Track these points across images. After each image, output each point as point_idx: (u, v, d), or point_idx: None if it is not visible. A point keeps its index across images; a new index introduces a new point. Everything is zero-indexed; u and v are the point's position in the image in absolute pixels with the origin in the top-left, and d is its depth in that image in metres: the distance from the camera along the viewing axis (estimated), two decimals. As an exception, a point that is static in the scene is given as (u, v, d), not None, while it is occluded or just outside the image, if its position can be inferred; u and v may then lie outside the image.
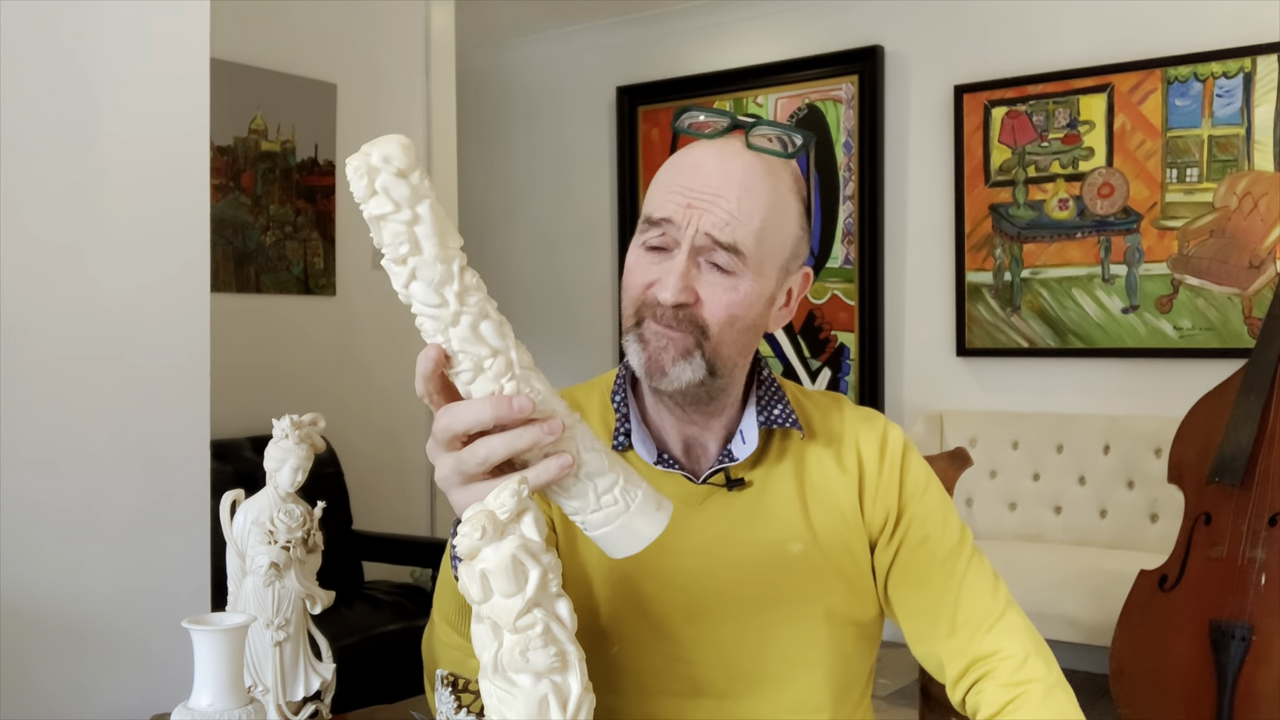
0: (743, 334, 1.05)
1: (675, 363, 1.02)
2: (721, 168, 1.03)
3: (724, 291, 1.02)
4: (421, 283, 0.76)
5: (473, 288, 0.77)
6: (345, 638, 2.88)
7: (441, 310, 0.76)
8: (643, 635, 1.08)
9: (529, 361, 0.80)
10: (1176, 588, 2.84)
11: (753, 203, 1.02)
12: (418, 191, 0.75)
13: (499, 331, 0.78)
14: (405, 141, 0.75)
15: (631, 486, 0.82)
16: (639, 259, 1.06)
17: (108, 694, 1.91)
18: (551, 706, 0.75)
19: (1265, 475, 2.74)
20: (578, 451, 0.80)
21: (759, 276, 1.04)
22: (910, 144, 4.60)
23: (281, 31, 3.78)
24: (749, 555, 1.09)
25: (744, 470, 1.11)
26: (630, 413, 1.11)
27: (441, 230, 0.76)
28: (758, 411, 1.11)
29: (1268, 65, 3.82)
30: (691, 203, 1.01)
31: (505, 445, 0.78)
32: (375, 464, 3.95)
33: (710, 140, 1.06)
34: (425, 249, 0.75)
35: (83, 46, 1.91)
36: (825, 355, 4.77)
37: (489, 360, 0.78)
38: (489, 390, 0.78)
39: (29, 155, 1.84)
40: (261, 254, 3.72)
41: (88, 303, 1.92)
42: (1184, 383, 3.80)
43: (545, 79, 5.58)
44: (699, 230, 1.01)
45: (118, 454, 1.95)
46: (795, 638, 1.09)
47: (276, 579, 1.16)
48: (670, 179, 1.05)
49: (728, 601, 1.08)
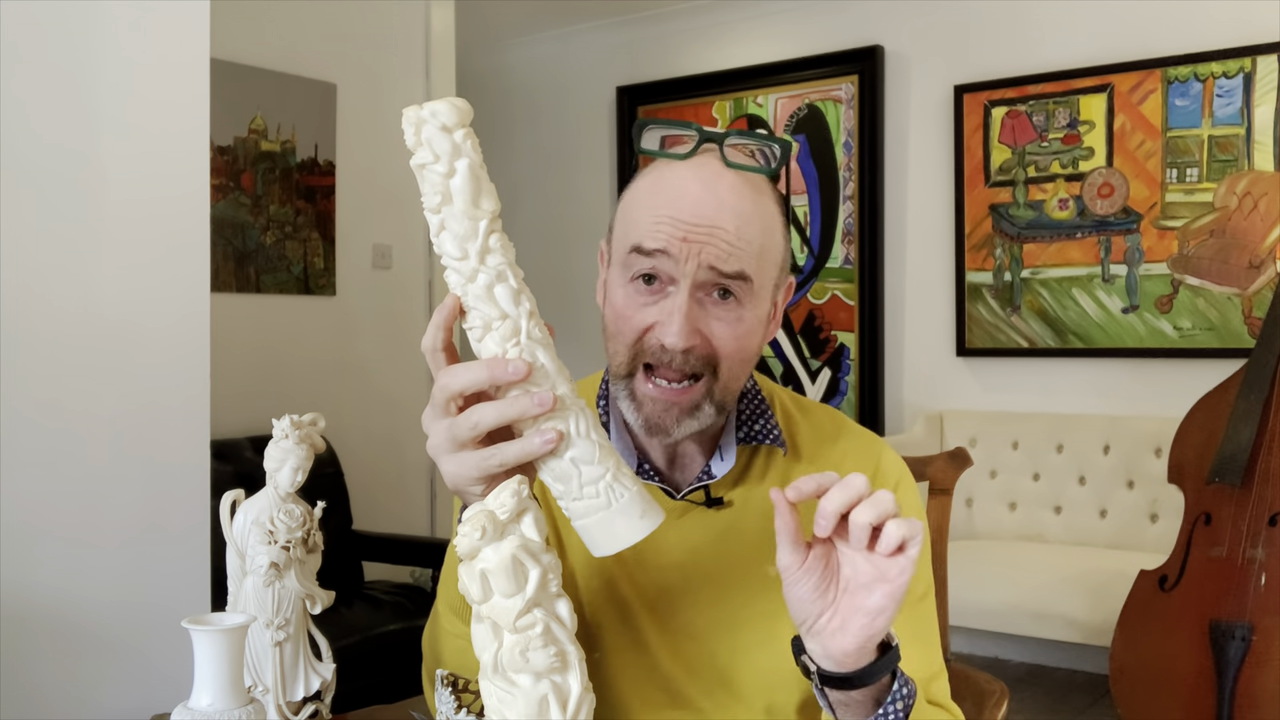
0: (747, 364, 1.02)
1: (681, 421, 0.99)
2: (710, 194, 0.97)
3: (729, 325, 0.98)
4: (449, 234, 0.80)
5: (496, 250, 0.81)
6: (345, 638, 2.88)
7: (462, 264, 0.80)
8: (621, 643, 1.06)
9: (541, 337, 0.81)
10: (1176, 588, 2.84)
11: (750, 229, 0.97)
12: (459, 149, 0.79)
13: (513, 298, 0.81)
14: (460, 103, 0.79)
15: (620, 485, 0.81)
16: (629, 297, 0.99)
17: (108, 694, 1.91)
18: (551, 706, 0.75)
19: (1265, 475, 2.74)
20: (569, 433, 0.80)
21: (758, 302, 1.00)
22: (910, 144, 4.60)
23: (281, 31, 3.78)
24: (725, 575, 1.05)
25: (724, 489, 1.07)
26: (611, 420, 1.08)
27: (475, 190, 0.80)
28: (737, 427, 1.07)
29: (1268, 65, 3.82)
30: (687, 236, 0.96)
31: (495, 412, 0.80)
32: (375, 464, 3.95)
33: (685, 161, 1.00)
34: (456, 202, 0.80)
35: (83, 46, 1.91)
36: (825, 355, 4.77)
37: (497, 322, 0.80)
38: (493, 353, 0.80)
39: (29, 155, 1.84)
40: (261, 254, 3.72)
41: (88, 303, 1.92)
42: (1184, 383, 3.80)
43: (545, 79, 5.58)
44: (700, 265, 0.95)
45: (118, 454, 1.95)
46: (771, 660, 1.03)
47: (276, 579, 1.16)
48: (654, 206, 0.99)
49: (701, 619, 1.05)
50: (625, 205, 1.04)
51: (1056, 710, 3.57)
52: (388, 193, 4.10)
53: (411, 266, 4.19)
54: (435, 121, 0.79)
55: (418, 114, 0.79)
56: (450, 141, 0.79)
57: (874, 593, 0.82)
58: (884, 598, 0.82)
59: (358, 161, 3.99)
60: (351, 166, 3.98)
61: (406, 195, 4.18)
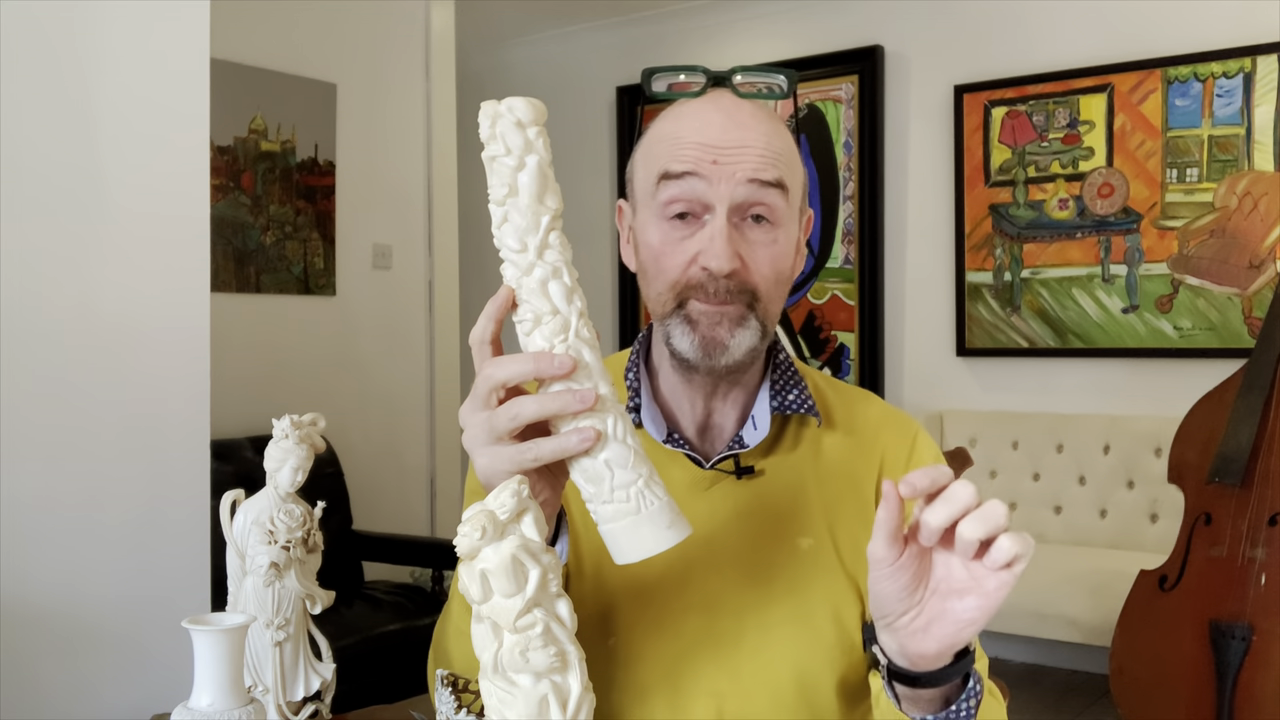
0: (784, 288, 1.02)
1: (734, 334, 0.98)
2: (731, 118, 0.98)
3: (766, 248, 0.98)
4: (510, 226, 0.82)
5: (554, 246, 0.83)
6: (345, 638, 2.88)
7: (520, 256, 0.82)
8: (639, 626, 1.02)
9: (589, 337, 0.83)
10: (1176, 588, 2.84)
11: (778, 141, 0.99)
12: (530, 145, 0.82)
13: (566, 296, 0.82)
14: (537, 103, 0.83)
15: (650, 493, 0.81)
16: (666, 234, 0.99)
17: (107, 694, 1.91)
18: (551, 706, 0.75)
19: (1265, 475, 2.74)
20: (606, 433, 0.80)
21: (790, 221, 1.01)
22: (910, 144, 4.60)
23: (281, 31, 3.78)
24: (755, 547, 1.03)
25: (755, 458, 1.05)
26: (642, 389, 1.06)
27: (541, 187, 0.82)
28: (771, 396, 1.06)
29: (1268, 65, 3.82)
30: (717, 159, 0.96)
31: (536, 405, 0.79)
32: (375, 464, 3.95)
33: (699, 98, 1.01)
34: (522, 196, 0.82)
35: (83, 47, 1.91)
36: (825, 355, 4.77)
37: (548, 317, 0.82)
38: (540, 347, 0.81)
39: (29, 155, 1.84)
40: (261, 254, 3.72)
41: (88, 303, 1.92)
42: (1184, 383, 3.80)
43: (545, 79, 5.58)
44: (738, 181, 0.96)
45: (118, 454, 1.95)
46: (803, 634, 1.01)
47: (276, 579, 1.16)
48: (678, 136, 0.99)
49: (729, 595, 1.02)
50: (645, 146, 1.04)
51: (1056, 710, 3.57)
52: (388, 193, 4.10)
53: (411, 266, 4.19)
54: (511, 116, 0.82)
55: (495, 108, 0.82)
56: (524, 137, 0.82)
57: (966, 602, 0.79)
58: (978, 611, 0.79)
59: (358, 161, 4.00)
60: (351, 166, 3.98)
61: (407, 195, 4.18)
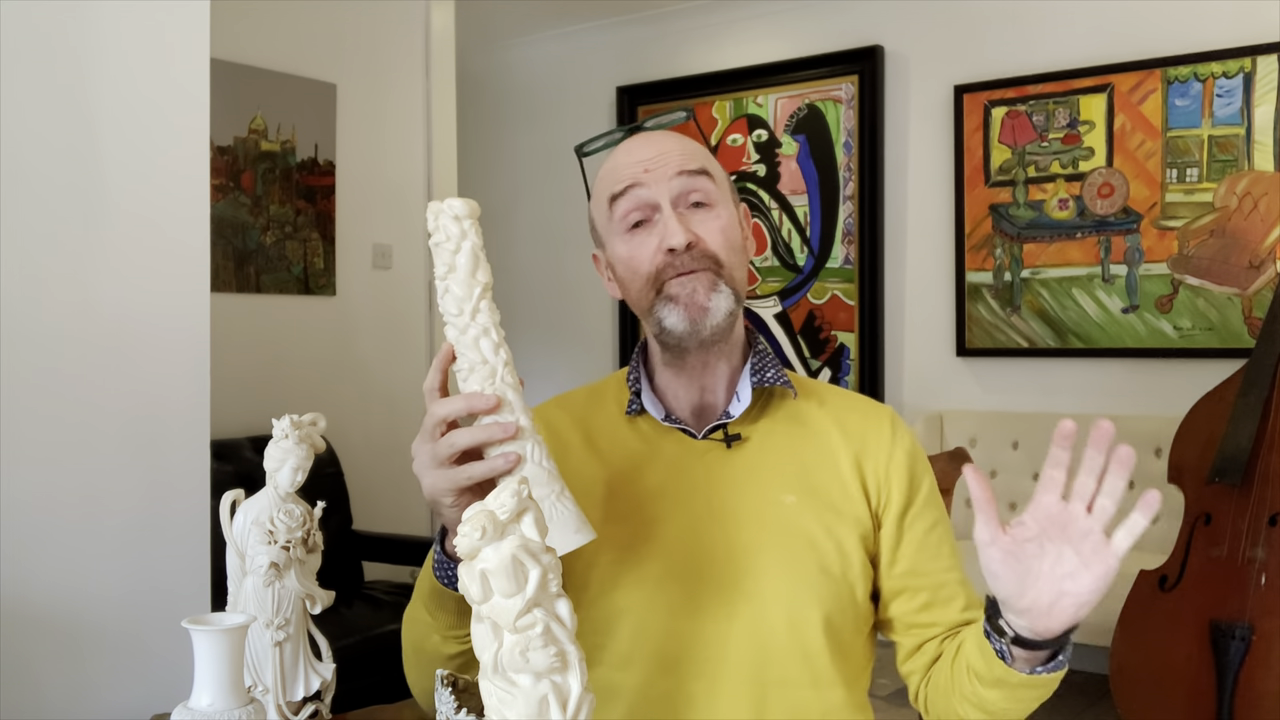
0: (740, 256, 1.21)
1: (711, 296, 1.15)
2: (650, 140, 1.21)
3: (712, 222, 1.18)
4: (451, 296, 1.01)
5: (484, 311, 1.01)
6: (345, 638, 2.88)
7: (458, 319, 1.01)
8: (640, 592, 1.15)
9: (512, 382, 1.01)
10: (1176, 588, 2.84)
11: (691, 146, 1.20)
12: (465, 233, 1.01)
13: (494, 349, 1.01)
14: (471, 201, 1.02)
15: (562, 505, 0.98)
16: (631, 245, 1.19)
17: (108, 694, 1.91)
18: (551, 706, 0.75)
19: (1265, 475, 2.74)
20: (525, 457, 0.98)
21: (725, 203, 1.20)
22: (910, 144, 4.60)
23: (281, 31, 3.78)
24: (744, 505, 1.18)
25: (741, 426, 1.21)
26: (641, 379, 1.24)
27: (474, 265, 1.01)
28: (751, 374, 1.23)
29: (1268, 65, 3.82)
30: (648, 167, 1.17)
31: (470, 435, 0.98)
32: (375, 464, 3.95)
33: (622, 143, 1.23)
34: (459, 273, 1.01)
35: (83, 46, 1.91)
36: (825, 355, 4.77)
37: (480, 366, 1.00)
38: (474, 389, 1.00)
39: (29, 155, 1.84)
40: (261, 254, 3.72)
41: (88, 302, 1.92)
42: (1184, 383, 3.80)
43: (545, 79, 5.58)
44: (670, 176, 1.17)
45: (118, 454, 1.95)
46: (792, 576, 1.15)
47: (276, 579, 1.17)
48: (614, 167, 1.21)
49: (722, 549, 1.16)
50: (594, 194, 1.26)
51: (1056, 710, 3.57)
52: (388, 193, 4.10)
53: (411, 266, 4.18)
54: (450, 212, 1.01)
55: (438, 206, 1.02)
56: (460, 227, 1.01)
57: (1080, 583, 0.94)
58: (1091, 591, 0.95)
59: (358, 161, 3.99)
60: (351, 166, 3.98)
61: (407, 195, 4.18)
